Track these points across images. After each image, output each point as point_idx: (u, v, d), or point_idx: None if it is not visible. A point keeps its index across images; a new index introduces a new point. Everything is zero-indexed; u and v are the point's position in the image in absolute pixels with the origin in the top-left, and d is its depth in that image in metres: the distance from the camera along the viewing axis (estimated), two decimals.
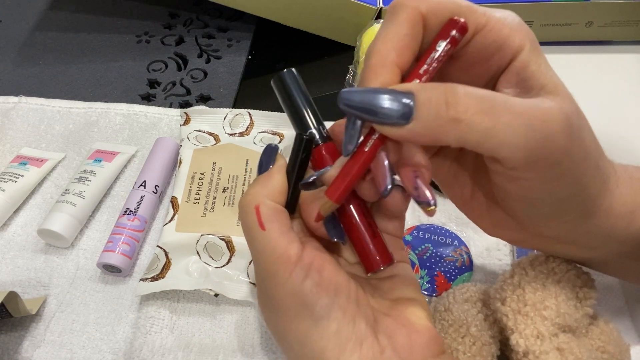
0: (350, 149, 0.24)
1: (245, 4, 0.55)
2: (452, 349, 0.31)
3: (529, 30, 0.24)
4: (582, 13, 0.55)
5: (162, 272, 0.38)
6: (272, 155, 0.28)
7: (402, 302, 0.28)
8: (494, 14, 0.24)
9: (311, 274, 0.25)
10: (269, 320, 0.28)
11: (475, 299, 0.33)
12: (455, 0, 0.24)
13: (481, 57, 0.25)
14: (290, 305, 0.25)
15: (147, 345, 0.36)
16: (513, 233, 0.29)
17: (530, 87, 0.24)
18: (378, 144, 0.24)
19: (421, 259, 0.40)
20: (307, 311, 0.25)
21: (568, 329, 0.29)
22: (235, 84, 0.56)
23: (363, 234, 0.28)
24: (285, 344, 0.27)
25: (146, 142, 0.50)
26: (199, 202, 0.42)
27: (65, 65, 0.58)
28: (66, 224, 0.41)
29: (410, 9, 0.24)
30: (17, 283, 0.40)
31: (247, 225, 0.26)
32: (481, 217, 0.30)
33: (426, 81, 0.23)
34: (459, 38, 0.23)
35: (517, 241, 0.31)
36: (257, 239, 0.26)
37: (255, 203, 0.26)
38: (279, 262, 0.25)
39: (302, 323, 0.25)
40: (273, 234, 0.26)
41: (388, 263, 0.28)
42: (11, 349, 0.36)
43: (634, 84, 0.55)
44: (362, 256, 0.28)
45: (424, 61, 0.24)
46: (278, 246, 0.25)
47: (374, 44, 0.24)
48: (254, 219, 0.26)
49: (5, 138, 0.50)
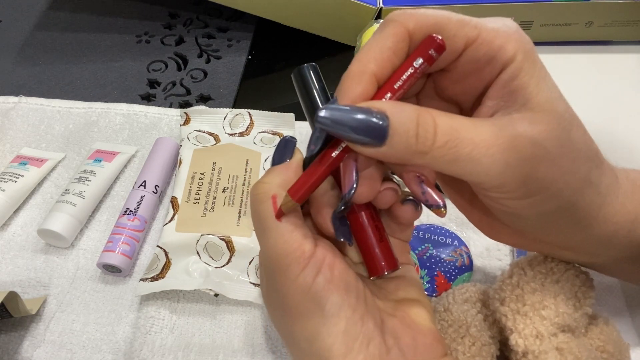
0: (313, 150, 0.25)
1: (245, 4, 0.55)
2: (451, 349, 0.31)
3: (524, 40, 0.24)
4: (582, 13, 0.55)
5: (162, 272, 0.38)
6: (290, 147, 0.27)
7: (407, 303, 0.28)
8: (486, 26, 0.24)
9: (323, 270, 0.25)
10: (274, 315, 0.28)
11: (474, 299, 0.33)
12: (444, 14, 0.24)
13: (473, 70, 0.24)
14: (300, 301, 0.25)
15: (147, 345, 0.36)
16: (512, 239, 0.30)
17: (514, 101, 0.23)
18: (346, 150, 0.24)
19: (421, 259, 0.40)
20: (317, 308, 0.25)
21: (567, 329, 0.29)
22: (235, 84, 0.56)
23: (370, 237, 0.27)
24: (291, 341, 0.27)
25: (146, 142, 0.50)
26: (199, 202, 0.42)
27: (65, 65, 0.58)
28: (66, 224, 0.41)
29: (397, 24, 0.24)
30: (17, 283, 0.40)
31: (261, 215, 0.25)
32: (480, 222, 0.30)
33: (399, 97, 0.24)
34: (435, 57, 0.23)
35: (517, 245, 0.31)
36: (270, 231, 0.25)
37: (272, 192, 0.25)
38: (293, 256, 0.25)
39: (311, 320, 0.25)
40: (288, 226, 0.25)
41: (393, 269, 0.28)
42: (11, 349, 0.36)
43: (634, 84, 0.55)
44: (367, 259, 0.28)
45: (400, 76, 0.24)
46: (292, 240, 0.25)
47: (359, 52, 0.24)
48: (269, 209, 0.25)
49: (5, 138, 0.50)
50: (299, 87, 0.29)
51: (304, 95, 0.29)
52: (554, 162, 0.23)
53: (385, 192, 0.27)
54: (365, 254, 0.28)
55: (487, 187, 0.24)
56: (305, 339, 0.26)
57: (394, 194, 0.27)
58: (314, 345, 0.25)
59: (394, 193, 0.27)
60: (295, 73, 0.29)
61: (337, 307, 0.25)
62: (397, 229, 0.29)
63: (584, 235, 0.27)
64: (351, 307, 0.25)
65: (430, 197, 0.25)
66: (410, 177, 0.25)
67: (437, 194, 0.24)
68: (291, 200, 0.25)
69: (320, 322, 0.25)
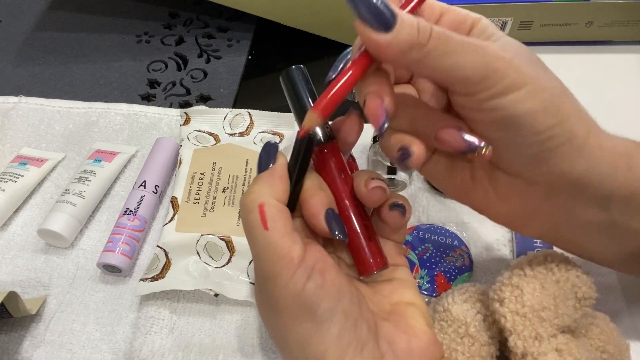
0: (332, 76, 0.27)
1: (245, 4, 0.55)
2: (451, 349, 0.31)
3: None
4: (582, 13, 0.55)
5: (162, 272, 0.38)
6: (272, 152, 0.28)
7: (402, 306, 0.28)
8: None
9: (314, 276, 0.25)
10: (267, 321, 0.28)
11: (474, 300, 0.33)
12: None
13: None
14: (291, 307, 0.25)
15: (147, 345, 0.36)
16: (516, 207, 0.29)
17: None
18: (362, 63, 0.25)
19: (421, 259, 0.40)
20: (309, 314, 0.25)
21: (567, 330, 0.29)
22: (235, 84, 0.56)
23: (358, 236, 0.28)
24: (285, 346, 0.27)
25: (146, 142, 0.50)
26: (199, 202, 0.42)
27: (65, 65, 0.58)
28: (66, 224, 0.41)
29: None
30: (17, 283, 0.40)
31: (250, 224, 0.26)
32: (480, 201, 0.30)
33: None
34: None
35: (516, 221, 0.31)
36: (259, 239, 0.25)
37: (259, 201, 0.26)
38: (282, 263, 0.25)
39: (303, 325, 0.25)
40: (276, 233, 0.25)
41: (382, 267, 0.28)
42: (11, 349, 0.37)
43: (634, 84, 0.55)
44: (356, 259, 0.28)
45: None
46: (281, 246, 0.25)
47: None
48: (256, 218, 0.25)
49: (5, 138, 0.50)
50: (287, 89, 0.30)
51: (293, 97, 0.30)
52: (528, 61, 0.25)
53: (374, 190, 0.27)
54: (354, 253, 0.28)
55: (473, 83, 0.25)
56: (298, 344, 0.26)
57: (383, 192, 0.28)
58: (307, 350, 0.25)
59: (382, 192, 0.28)
60: (283, 75, 0.30)
61: (329, 313, 0.25)
62: (389, 231, 0.30)
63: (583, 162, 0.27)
64: (344, 312, 0.25)
65: (471, 139, 0.26)
66: (450, 132, 0.27)
67: (478, 137, 0.26)
68: (317, 117, 0.25)
69: (313, 328, 0.25)
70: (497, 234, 0.42)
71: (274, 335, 0.28)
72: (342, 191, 0.28)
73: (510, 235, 0.42)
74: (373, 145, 0.45)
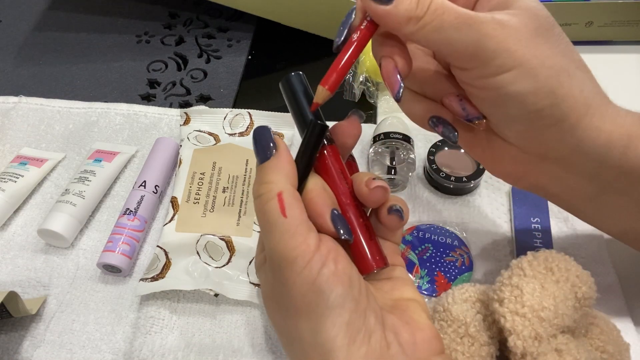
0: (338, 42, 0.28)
1: (245, 4, 0.55)
2: (451, 349, 0.31)
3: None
4: (582, 13, 0.55)
5: (162, 272, 0.38)
6: (269, 136, 0.29)
7: (403, 302, 0.29)
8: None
9: (328, 263, 0.26)
10: (277, 313, 0.29)
11: (474, 299, 0.33)
12: None
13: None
14: (305, 293, 0.26)
15: (147, 345, 0.36)
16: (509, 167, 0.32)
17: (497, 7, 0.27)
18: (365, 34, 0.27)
19: (421, 259, 0.40)
20: (322, 299, 0.25)
21: (567, 330, 0.29)
22: (235, 84, 0.56)
23: (359, 236, 0.28)
24: (294, 337, 0.27)
25: (146, 142, 0.50)
26: (199, 202, 0.42)
27: (65, 65, 0.58)
28: (66, 224, 0.41)
29: None
30: (17, 283, 0.40)
31: (267, 212, 0.26)
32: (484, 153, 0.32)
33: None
34: None
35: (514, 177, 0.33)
36: (277, 226, 0.26)
37: (278, 190, 0.26)
38: (299, 250, 0.25)
39: (316, 311, 0.26)
40: (294, 221, 0.26)
41: (382, 266, 0.29)
42: (11, 349, 0.37)
43: (634, 84, 0.55)
44: (357, 257, 0.29)
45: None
46: (299, 233, 0.26)
47: None
48: (275, 206, 0.26)
49: (5, 138, 0.50)
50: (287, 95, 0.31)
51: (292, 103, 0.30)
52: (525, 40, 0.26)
53: (375, 190, 0.28)
54: (355, 252, 0.29)
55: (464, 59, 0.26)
56: (309, 330, 0.26)
57: (384, 192, 0.28)
58: (318, 336, 0.26)
59: (384, 191, 0.28)
60: (283, 82, 0.31)
61: (342, 299, 0.25)
62: (387, 232, 0.31)
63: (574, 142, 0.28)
64: (354, 299, 0.26)
65: (470, 111, 0.29)
66: (451, 99, 0.29)
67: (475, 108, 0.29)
68: (325, 90, 0.27)
69: (325, 313, 0.25)
70: (497, 234, 0.42)
71: (282, 325, 0.29)
72: (343, 192, 0.29)
73: (511, 236, 0.42)
74: (373, 145, 0.45)
